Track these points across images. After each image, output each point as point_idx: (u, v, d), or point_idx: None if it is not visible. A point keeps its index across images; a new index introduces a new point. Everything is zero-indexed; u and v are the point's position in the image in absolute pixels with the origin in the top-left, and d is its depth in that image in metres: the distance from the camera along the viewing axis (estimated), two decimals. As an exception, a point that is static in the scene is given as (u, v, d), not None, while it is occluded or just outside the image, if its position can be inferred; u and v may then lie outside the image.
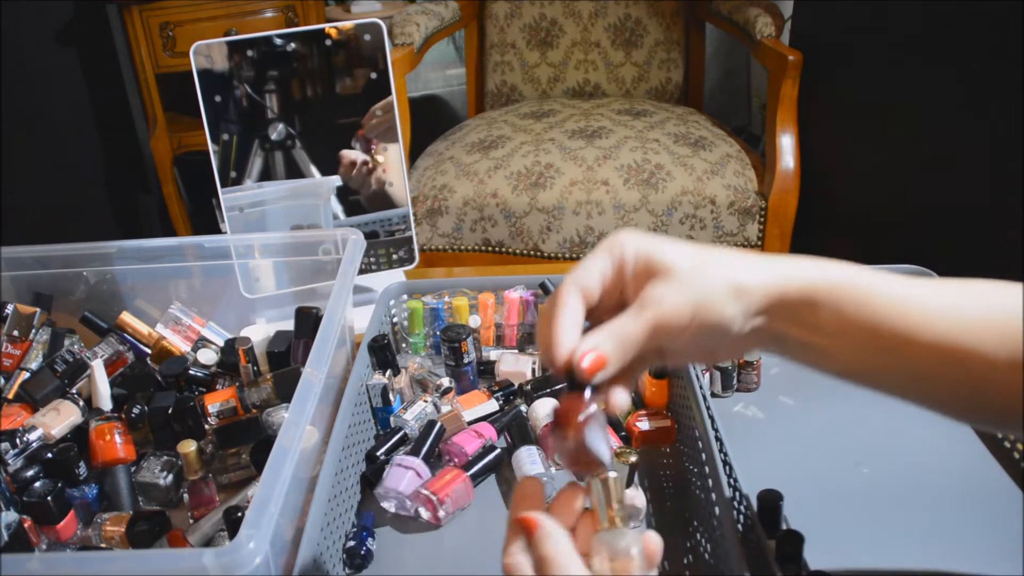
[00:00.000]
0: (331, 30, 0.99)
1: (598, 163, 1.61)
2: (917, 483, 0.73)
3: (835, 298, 0.46)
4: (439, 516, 0.70)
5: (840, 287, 0.46)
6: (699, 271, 0.46)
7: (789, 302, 0.46)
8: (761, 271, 0.47)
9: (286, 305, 0.97)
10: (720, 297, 0.45)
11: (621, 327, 0.46)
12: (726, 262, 0.47)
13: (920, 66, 1.28)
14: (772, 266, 0.47)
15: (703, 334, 0.46)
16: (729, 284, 0.46)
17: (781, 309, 0.47)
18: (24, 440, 0.74)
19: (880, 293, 0.46)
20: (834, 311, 0.46)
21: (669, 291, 0.45)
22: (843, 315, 0.46)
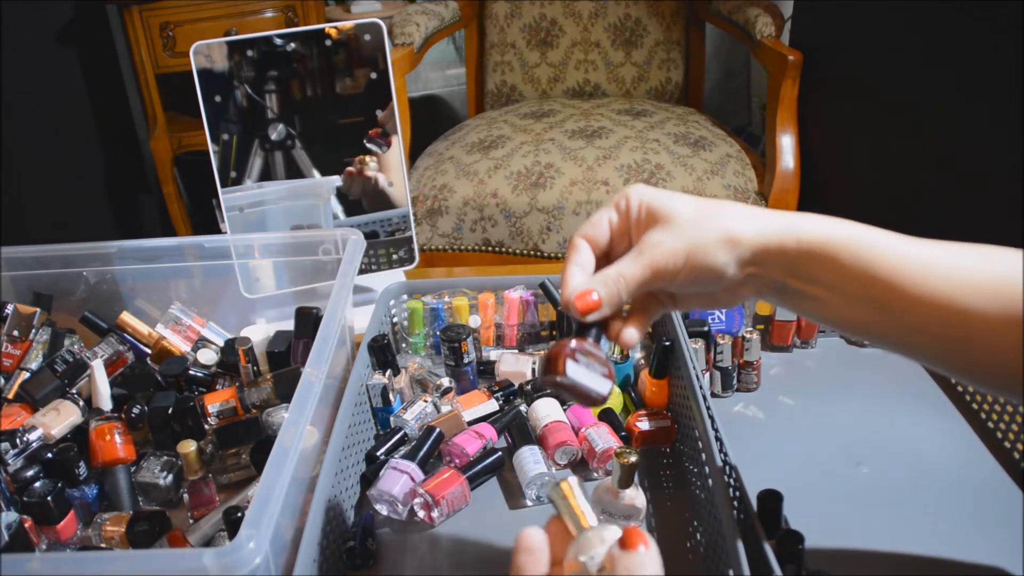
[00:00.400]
0: (331, 30, 0.99)
1: (598, 163, 1.61)
2: (917, 483, 0.73)
3: (833, 252, 0.48)
4: (433, 516, 0.70)
5: (840, 242, 0.48)
6: (697, 220, 0.50)
7: (786, 253, 0.49)
8: (759, 223, 0.49)
9: (286, 305, 0.97)
10: (712, 244, 0.49)
11: (617, 269, 0.50)
12: (726, 213, 0.50)
13: (920, 66, 1.28)
14: (774, 219, 0.50)
15: (696, 277, 0.49)
16: (723, 232, 0.49)
17: (778, 259, 0.49)
18: (24, 440, 0.74)
19: (879, 250, 0.48)
20: (832, 264, 0.48)
21: (666, 236, 0.49)
22: (841, 268, 0.48)
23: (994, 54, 1.11)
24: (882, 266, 0.47)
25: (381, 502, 0.72)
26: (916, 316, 0.47)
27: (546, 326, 0.93)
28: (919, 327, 0.47)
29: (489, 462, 0.76)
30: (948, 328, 0.46)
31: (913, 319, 0.47)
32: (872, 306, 0.48)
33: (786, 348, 0.92)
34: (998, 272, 0.46)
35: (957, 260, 0.47)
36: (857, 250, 0.48)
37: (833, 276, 0.48)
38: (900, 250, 0.48)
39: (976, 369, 0.48)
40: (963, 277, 0.46)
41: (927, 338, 0.48)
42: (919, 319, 0.47)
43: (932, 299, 0.46)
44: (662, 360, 0.81)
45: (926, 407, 0.83)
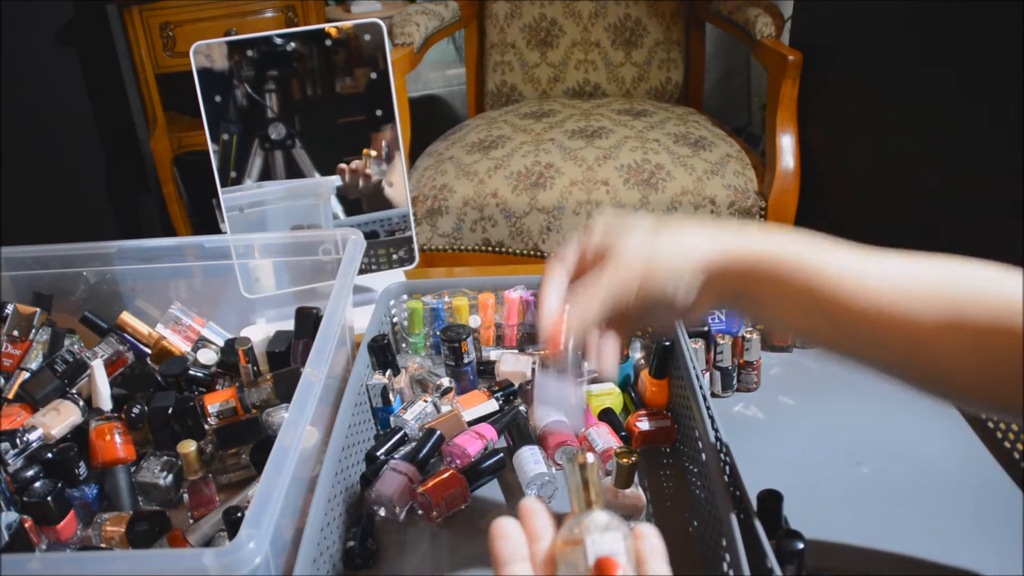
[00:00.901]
0: (331, 30, 0.99)
1: (598, 163, 1.61)
2: (917, 483, 0.73)
3: (776, 270, 0.50)
4: (432, 516, 0.70)
5: (783, 260, 0.50)
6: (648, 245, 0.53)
7: (730, 275, 0.52)
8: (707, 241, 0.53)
9: (286, 305, 0.97)
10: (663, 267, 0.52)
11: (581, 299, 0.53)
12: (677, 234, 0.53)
13: (920, 66, 1.28)
14: (721, 236, 0.53)
15: (648, 306, 0.53)
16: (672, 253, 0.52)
17: (727, 275, 0.52)
18: (24, 440, 0.74)
19: (819, 264, 0.50)
20: (776, 282, 0.51)
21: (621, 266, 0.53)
22: (784, 285, 0.50)
23: (994, 54, 1.11)
24: (823, 281, 0.49)
25: (379, 504, 0.72)
26: (863, 327, 0.48)
27: (546, 326, 0.92)
28: (869, 338, 0.49)
29: (490, 464, 0.75)
30: (894, 338, 0.48)
31: (861, 330, 0.49)
32: (820, 317, 0.50)
33: (786, 348, 0.92)
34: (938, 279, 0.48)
35: (899, 270, 0.49)
36: (798, 267, 0.50)
37: (778, 293, 0.51)
38: (841, 263, 0.50)
39: (928, 378, 0.49)
40: (904, 286, 0.48)
41: (878, 349, 0.49)
42: (866, 330, 0.48)
43: (875, 310, 0.48)
44: (662, 360, 0.81)
45: (926, 407, 0.83)
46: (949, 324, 0.46)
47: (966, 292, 0.47)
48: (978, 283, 0.47)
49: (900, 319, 0.47)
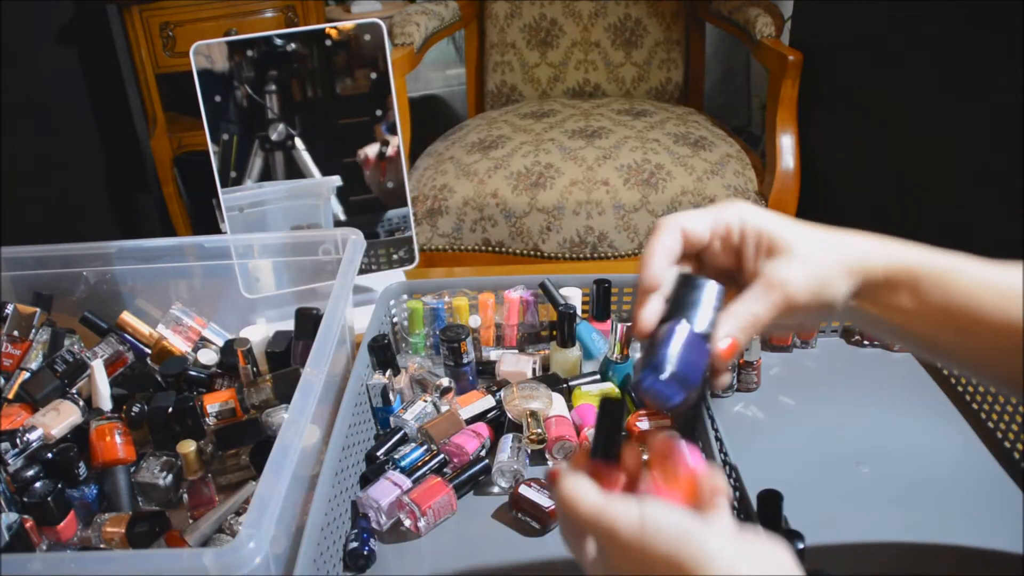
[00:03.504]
0: (331, 30, 0.99)
1: (598, 163, 1.61)
2: (917, 483, 0.73)
3: (913, 279, 0.49)
4: (419, 526, 0.70)
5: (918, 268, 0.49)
6: (816, 250, 0.48)
7: (874, 282, 0.49)
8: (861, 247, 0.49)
9: (286, 305, 0.97)
10: (836, 277, 0.48)
11: (750, 311, 0.48)
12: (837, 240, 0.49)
13: (920, 66, 1.29)
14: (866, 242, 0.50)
15: (815, 312, 0.49)
16: (841, 259, 0.48)
17: (867, 289, 0.49)
18: (24, 440, 0.74)
19: (954, 275, 0.48)
20: (912, 291, 0.49)
21: (794, 272, 0.48)
22: (920, 295, 0.48)
23: (994, 54, 1.11)
24: (962, 292, 0.48)
25: (368, 508, 0.71)
26: (995, 338, 0.47)
27: (546, 326, 0.93)
28: (998, 349, 0.48)
29: (476, 470, 0.75)
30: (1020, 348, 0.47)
31: (992, 341, 0.48)
32: (952, 331, 0.49)
33: (786, 348, 0.92)
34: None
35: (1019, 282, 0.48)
36: (933, 276, 0.48)
37: (912, 303, 0.49)
38: (975, 274, 0.48)
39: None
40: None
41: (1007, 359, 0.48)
42: (998, 341, 0.47)
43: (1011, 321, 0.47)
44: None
45: (926, 407, 0.83)
46: None
47: None
48: None
49: None
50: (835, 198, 1.61)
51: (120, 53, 2.17)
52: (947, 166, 1.24)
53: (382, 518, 0.70)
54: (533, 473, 0.76)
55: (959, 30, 1.19)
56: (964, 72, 1.19)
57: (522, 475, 0.75)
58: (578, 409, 0.82)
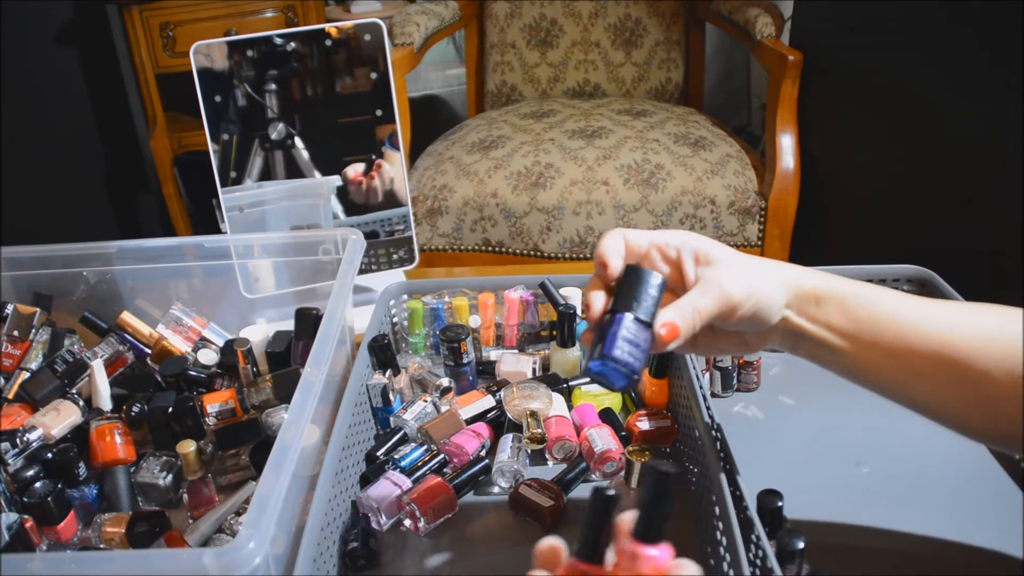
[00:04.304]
0: (331, 30, 0.99)
1: (598, 163, 1.61)
2: (917, 483, 0.73)
3: (842, 298, 0.54)
4: (419, 527, 0.70)
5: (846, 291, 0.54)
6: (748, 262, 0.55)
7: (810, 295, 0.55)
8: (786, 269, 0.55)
9: (286, 305, 0.97)
10: (768, 284, 0.54)
11: (691, 302, 0.53)
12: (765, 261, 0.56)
13: (920, 66, 1.29)
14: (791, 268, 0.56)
15: (755, 314, 0.54)
16: (773, 274, 0.54)
17: (804, 302, 0.55)
18: (24, 440, 0.74)
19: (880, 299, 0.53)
20: (844, 309, 0.54)
21: (730, 274, 0.53)
22: (849, 314, 0.53)
23: (994, 54, 1.11)
24: (888, 314, 0.53)
25: (368, 509, 0.71)
26: (917, 362, 0.52)
27: (546, 326, 0.93)
28: (921, 372, 0.52)
29: (476, 470, 0.75)
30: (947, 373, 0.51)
31: (913, 365, 0.52)
32: (880, 351, 0.53)
33: (786, 348, 0.92)
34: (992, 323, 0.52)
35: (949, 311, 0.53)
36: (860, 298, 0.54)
37: (842, 319, 0.54)
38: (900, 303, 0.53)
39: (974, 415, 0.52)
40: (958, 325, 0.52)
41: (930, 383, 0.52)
42: (918, 366, 0.52)
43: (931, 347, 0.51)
44: (662, 360, 0.81)
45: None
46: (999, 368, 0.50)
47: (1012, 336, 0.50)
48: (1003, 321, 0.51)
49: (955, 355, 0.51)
50: (835, 198, 1.61)
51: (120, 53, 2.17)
52: (947, 166, 1.24)
53: (382, 518, 0.70)
54: (533, 473, 0.76)
55: (959, 30, 1.19)
56: (964, 72, 1.19)
57: (522, 475, 0.75)
58: (578, 409, 0.82)
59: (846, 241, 1.58)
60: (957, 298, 0.83)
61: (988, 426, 0.52)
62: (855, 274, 0.89)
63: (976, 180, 1.18)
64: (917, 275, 0.88)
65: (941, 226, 1.26)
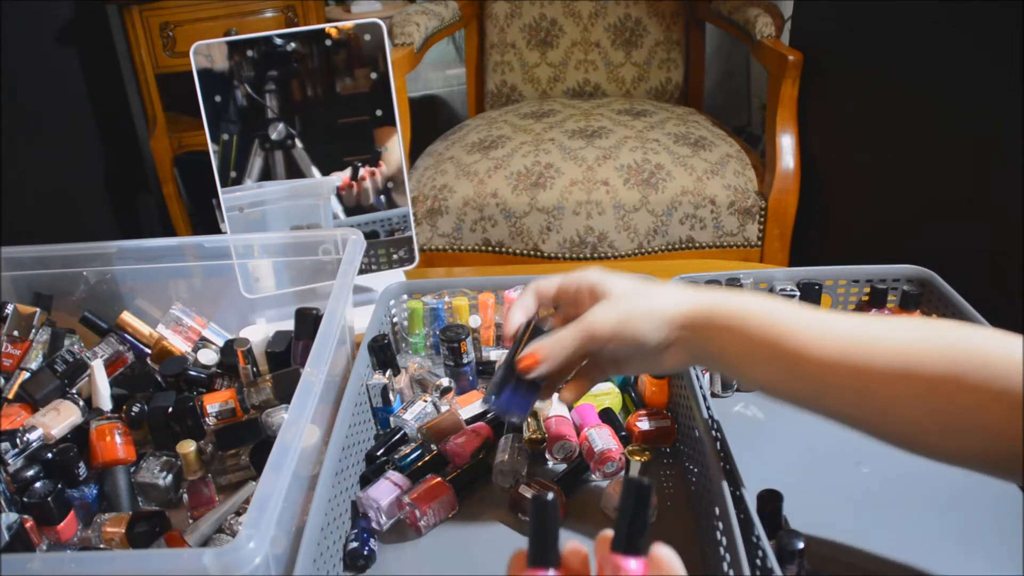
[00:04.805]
0: (331, 30, 0.99)
1: (598, 163, 1.61)
2: (917, 483, 0.73)
3: (741, 324, 0.55)
4: (419, 526, 0.70)
5: (748, 314, 0.55)
6: (628, 297, 0.59)
7: (700, 322, 0.57)
8: (678, 300, 0.58)
9: (286, 305, 0.97)
10: (639, 317, 0.58)
11: (558, 334, 0.60)
12: (654, 292, 0.60)
13: (920, 66, 1.29)
14: (693, 297, 0.58)
15: (625, 343, 0.59)
16: (646, 307, 0.58)
17: (695, 328, 0.58)
18: (24, 440, 0.74)
19: (783, 319, 0.54)
20: (741, 335, 0.55)
21: (601, 309, 0.59)
22: (749, 338, 0.55)
23: (994, 54, 1.11)
24: (785, 331, 0.54)
25: (368, 509, 0.71)
26: (819, 375, 0.52)
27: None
28: (824, 385, 0.52)
29: (475, 470, 0.75)
30: (847, 384, 0.51)
31: (817, 378, 0.52)
32: (781, 368, 0.54)
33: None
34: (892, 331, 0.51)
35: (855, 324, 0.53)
36: (762, 318, 0.55)
37: (743, 342, 0.55)
38: (800, 317, 0.54)
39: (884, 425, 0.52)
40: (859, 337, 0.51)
41: (833, 396, 0.53)
42: (822, 378, 0.52)
43: (831, 358, 0.52)
44: (662, 360, 0.81)
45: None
46: (902, 373, 0.49)
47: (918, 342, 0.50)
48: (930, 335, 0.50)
49: (855, 367, 0.51)
50: (835, 198, 1.61)
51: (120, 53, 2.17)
52: (947, 166, 1.24)
53: (382, 518, 0.70)
54: (533, 473, 0.76)
55: (959, 30, 1.19)
56: (964, 72, 1.19)
57: (522, 475, 0.75)
58: (578, 409, 0.81)
59: (846, 241, 1.59)
60: (957, 298, 0.83)
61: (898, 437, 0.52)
62: (855, 274, 0.89)
63: (976, 180, 1.18)
64: (917, 275, 0.88)
65: (941, 226, 1.26)
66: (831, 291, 0.90)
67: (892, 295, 0.89)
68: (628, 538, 0.39)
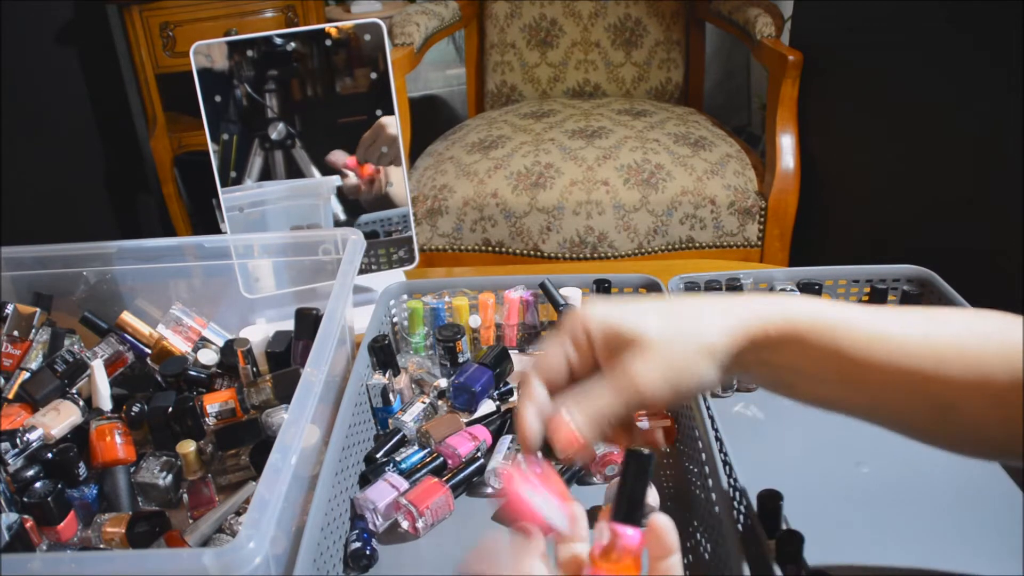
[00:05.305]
0: (331, 30, 0.99)
1: (598, 163, 1.61)
2: (917, 483, 0.73)
3: (800, 336, 0.47)
4: (417, 527, 0.70)
5: (806, 324, 0.47)
6: (669, 339, 0.47)
7: (757, 344, 0.48)
8: (726, 319, 0.48)
9: (286, 305, 0.97)
10: (693, 361, 0.47)
11: (596, 405, 0.47)
12: (693, 322, 0.48)
13: (920, 66, 1.29)
14: (739, 311, 0.48)
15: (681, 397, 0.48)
16: (697, 343, 0.47)
17: (750, 351, 0.48)
18: (24, 440, 0.74)
19: (845, 327, 0.47)
20: (800, 348, 0.48)
21: (645, 366, 0.46)
22: (809, 352, 0.47)
23: (994, 54, 1.11)
24: (848, 344, 0.47)
25: (364, 510, 0.71)
26: (888, 390, 0.47)
27: (546, 326, 0.93)
28: (893, 400, 0.47)
29: (470, 471, 0.75)
30: (920, 399, 0.46)
31: (886, 393, 0.47)
32: (844, 384, 0.48)
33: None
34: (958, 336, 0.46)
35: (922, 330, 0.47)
36: (823, 331, 0.47)
37: (802, 360, 0.48)
38: (864, 324, 0.47)
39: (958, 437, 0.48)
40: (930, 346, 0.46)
41: (904, 410, 0.48)
42: (892, 392, 0.47)
43: (902, 371, 0.46)
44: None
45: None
46: (974, 383, 0.45)
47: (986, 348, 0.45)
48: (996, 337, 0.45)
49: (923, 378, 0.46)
50: (835, 198, 1.61)
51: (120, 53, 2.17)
52: (947, 166, 1.24)
53: (378, 519, 0.70)
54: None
55: (959, 29, 1.19)
56: (964, 72, 1.19)
57: None
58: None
59: (846, 241, 1.58)
60: (957, 298, 0.83)
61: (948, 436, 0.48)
62: (855, 274, 0.89)
63: (976, 180, 1.18)
64: (917, 275, 0.88)
65: (941, 226, 1.26)
66: (831, 291, 0.90)
67: (892, 295, 0.89)
68: (627, 508, 0.39)
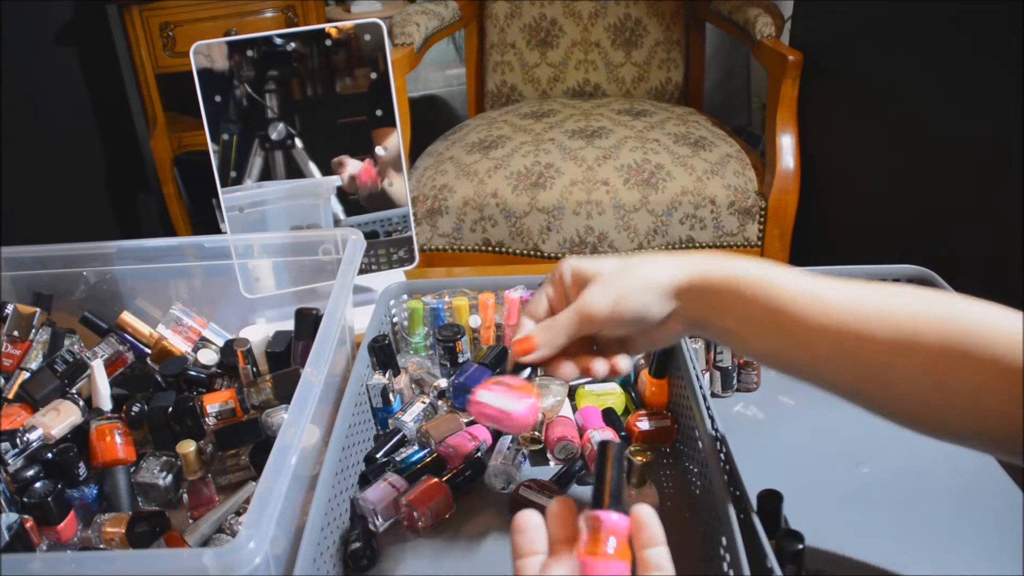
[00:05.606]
0: (331, 30, 0.99)
1: (598, 163, 1.61)
2: (917, 483, 0.73)
3: (741, 287, 0.54)
4: (417, 527, 0.70)
5: (747, 278, 0.54)
6: (619, 274, 0.57)
7: (698, 289, 0.55)
8: (673, 268, 0.56)
9: (286, 305, 0.97)
10: (635, 290, 0.56)
11: (553, 319, 0.58)
12: (646, 264, 0.57)
13: (920, 66, 1.29)
14: (688, 262, 0.57)
15: (628, 320, 0.57)
16: (641, 281, 0.56)
17: (693, 296, 0.56)
18: (24, 440, 0.74)
19: (782, 284, 0.53)
20: (740, 297, 0.54)
21: (593, 291, 0.57)
22: (748, 301, 0.53)
23: (994, 54, 1.11)
24: (785, 299, 0.52)
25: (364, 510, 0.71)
26: (819, 344, 0.51)
27: (546, 326, 0.92)
28: (823, 355, 0.51)
29: (470, 472, 0.75)
30: (847, 354, 0.50)
31: (817, 347, 0.51)
32: (781, 336, 0.53)
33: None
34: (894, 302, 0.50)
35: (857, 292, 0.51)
36: (761, 286, 0.53)
37: (742, 309, 0.54)
38: (800, 285, 0.53)
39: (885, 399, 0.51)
40: (861, 307, 0.50)
41: (833, 366, 0.52)
42: (822, 347, 0.51)
43: (831, 326, 0.50)
44: (662, 360, 0.81)
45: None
46: (903, 345, 0.48)
47: (919, 315, 0.49)
48: (931, 307, 0.49)
49: (856, 336, 0.50)
50: (835, 198, 1.61)
51: (120, 53, 2.17)
52: (947, 165, 1.24)
53: (378, 519, 0.70)
54: (534, 473, 0.76)
55: (960, 30, 1.19)
56: (965, 72, 1.19)
57: (514, 478, 0.74)
58: (582, 411, 0.82)
59: (846, 241, 1.58)
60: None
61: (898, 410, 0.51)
62: (855, 274, 0.89)
63: (976, 180, 1.18)
64: (917, 275, 0.88)
65: (941, 226, 1.26)
66: (831, 291, 0.90)
67: (892, 295, 0.89)
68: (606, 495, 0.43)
